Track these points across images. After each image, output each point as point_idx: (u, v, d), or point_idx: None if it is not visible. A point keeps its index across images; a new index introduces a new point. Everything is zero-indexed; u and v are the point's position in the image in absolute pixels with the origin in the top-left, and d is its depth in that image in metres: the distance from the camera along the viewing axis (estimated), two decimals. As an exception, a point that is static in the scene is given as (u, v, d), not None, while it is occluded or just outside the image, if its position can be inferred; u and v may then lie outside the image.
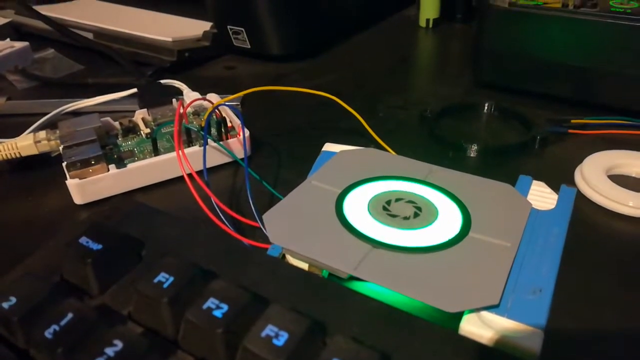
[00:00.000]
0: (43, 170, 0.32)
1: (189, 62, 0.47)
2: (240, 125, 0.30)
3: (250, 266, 0.19)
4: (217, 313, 0.16)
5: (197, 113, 0.34)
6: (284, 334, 0.15)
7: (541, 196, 0.24)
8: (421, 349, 0.15)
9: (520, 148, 0.32)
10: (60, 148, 0.29)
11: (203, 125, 0.29)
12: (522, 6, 0.35)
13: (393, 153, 0.29)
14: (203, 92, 0.35)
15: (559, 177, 0.27)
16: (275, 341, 0.15)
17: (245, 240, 0.23)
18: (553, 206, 0.23)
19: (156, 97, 0.35)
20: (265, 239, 0.22)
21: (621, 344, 0.20)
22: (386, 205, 0.23)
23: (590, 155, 0.29)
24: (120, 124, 0.33)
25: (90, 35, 0.50)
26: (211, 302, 0.16)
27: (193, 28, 0.50)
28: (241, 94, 0.32)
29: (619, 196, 0.26)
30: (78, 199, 0.28)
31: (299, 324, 0.15)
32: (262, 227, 0.23)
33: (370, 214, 0.23)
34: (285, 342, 0.15)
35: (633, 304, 0.21)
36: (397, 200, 0.24)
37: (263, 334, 0.15)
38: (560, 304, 0.19)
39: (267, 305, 0.16)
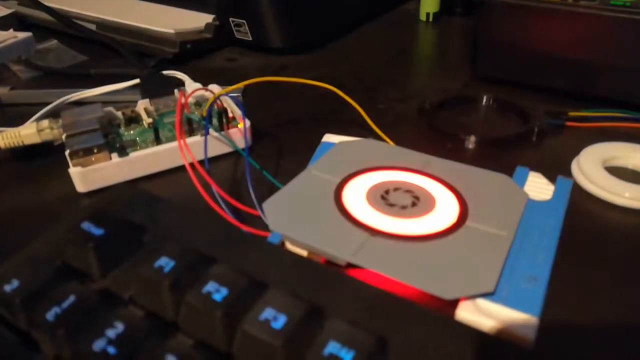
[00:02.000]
0: (46, 158, 0.32)
1: (191, 53, 0.47)
2: (241, 116, 0.31)
3: (250, 253, 0.19)
4: (217, 296, 0.16)
5: (198, 103, 0.34)
6: (282, 317, 0.15)
7: (538, 187, 0.24)
8: (417, 334, 0.16)
9: (518, 140, 0.32)
10: (63, 137, 0.30)
11: (204, 115, 0.29)
12: (522, -1, 0.35)
13: (392, 144, 0.30)
14: (205, 83, 0.35)
15: (556, 168, 0.27)
16: (273, 324, 0.15)
17: (246, 228, 0.23)
18: (549, 197, 0.23)
19: (158, 88, 0.35)
20: (265, 227, 0.22)
21: (614, 332, 0.20)
22: (384, 195, 0.24)
23: (587, 147, 0.29)
24: (123, 113, 0.33)
25: (93, 27, 0.50)
26: (211, 286, 0.16)
27: (195, 20, 0.50)
28: (242, 84, 0.33)
29: (615, 187, 0.26)
30: (80, 187, 0.29)
31: (297, 308, 0.15)
32: (262, 215, 0.23)
33: (368, 202, 0.23)
34: (283, 325, 0.15)
35: (627, 295, 0.21)
36: (395, 189, 0.24)
37: (261, 317, 0.15)
38: (555, 293, 0.19)
39: (266, 290, 0.16)
